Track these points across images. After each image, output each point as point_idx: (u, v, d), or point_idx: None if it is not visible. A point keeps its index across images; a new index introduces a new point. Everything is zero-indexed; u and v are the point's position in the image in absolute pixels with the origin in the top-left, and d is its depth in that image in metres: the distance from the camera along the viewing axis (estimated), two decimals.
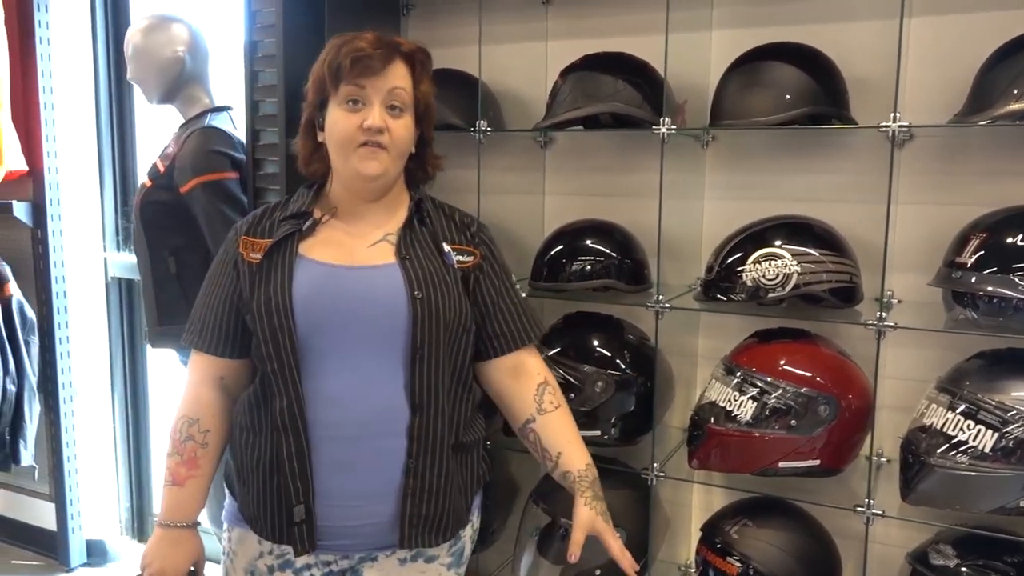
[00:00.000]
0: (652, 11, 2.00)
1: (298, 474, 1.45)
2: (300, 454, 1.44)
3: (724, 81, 1.85)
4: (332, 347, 1.45)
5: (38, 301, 3.01)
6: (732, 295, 1.79)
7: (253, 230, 1.54)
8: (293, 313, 1.43)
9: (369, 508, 1.49)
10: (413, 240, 1.53)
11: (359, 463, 1.47)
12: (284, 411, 1.44)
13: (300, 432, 1.44)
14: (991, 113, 1.58)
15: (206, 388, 1.55)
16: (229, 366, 1.55)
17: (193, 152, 2.14)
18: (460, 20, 2.28)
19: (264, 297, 1.45)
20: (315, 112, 1.52)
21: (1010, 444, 1.54)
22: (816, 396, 1.73)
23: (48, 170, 2.93)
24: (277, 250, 1.48)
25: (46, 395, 3.05)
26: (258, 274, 1.48)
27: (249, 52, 2.08)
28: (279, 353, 1.44)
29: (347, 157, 1.46)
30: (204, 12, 2.58)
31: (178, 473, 1.53)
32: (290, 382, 1.44)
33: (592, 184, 2.21)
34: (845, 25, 1.89)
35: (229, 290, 1.52)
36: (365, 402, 1.46)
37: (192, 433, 1.53)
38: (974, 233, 1.63)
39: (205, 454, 1.54)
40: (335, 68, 1.44)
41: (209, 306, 1.55)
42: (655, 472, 1.93)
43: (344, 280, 1.47)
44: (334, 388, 1.46)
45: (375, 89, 1.45)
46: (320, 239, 1.51)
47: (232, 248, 1.54)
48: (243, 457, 1.53)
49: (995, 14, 1.75)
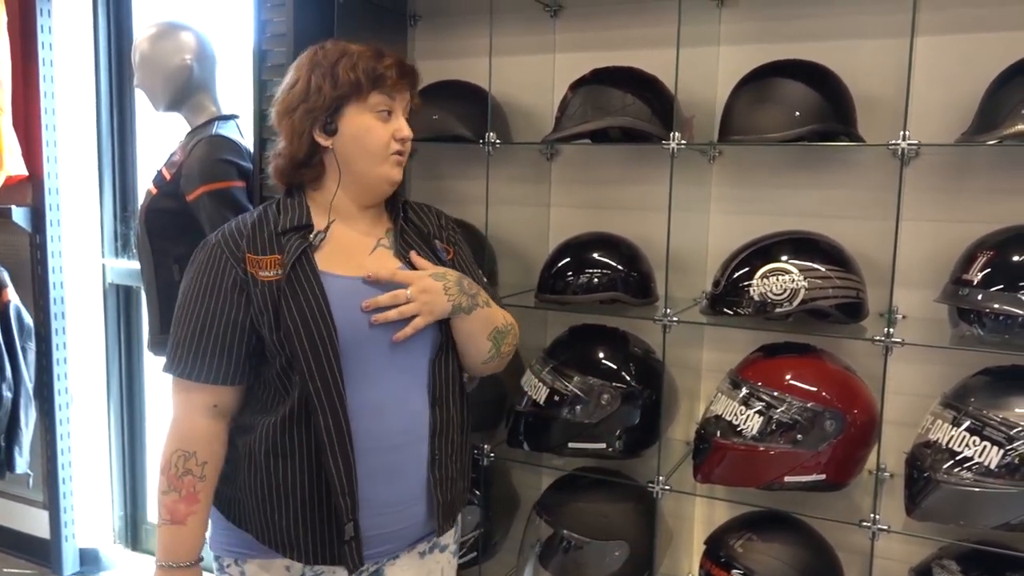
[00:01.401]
0: (659, 25, 2.02)
1: (347, 491, 1.42)
2: (348, 469, 1.41)
3: (733, 97, 1.87)
4: (369, 358, 1.45)
5: (36, 307, 2.99)
6: (739, 309, 1.79)
7: (254, 247, 1.46)
8: (336, 331, 1.40)
9: (407, 511, 1.51)
10: (407, 242, 1.56)
11: (398, 469, 1.48)
12: (330, 428, 1.40)
13: (347, 447, 1.41)
14: (998, 132, 1.59)
15: (199, 418, 1.47)
16: (225, 392, 1.47)
17: (200, 160, 2.14)
18: (466, 32, 2.29)
19: (299, 316, 1.40)
20: (323, 115, 1.47)
21: (1015, 460, 1.55)
22: (822, 411, 1.74)
23: (48, 175, 2.91)
24: (296, 267, 1.43)
25: (42, 402, 3.02)
26: (281, 293, 1.41)
27: (258, 61, 2.09)
28: (321, 369, 1.39)
29: (378, 164, 1.49)
30: (212, 20, 2.58)
31: (177, 511, 1.45)
32: (335, 397, 1.40)
33: (598, 197, 2.22)
34: (854, 43, 1.91)
35: (233, 312, 1.43)
36: (403, 408, 1.48)
37: (190, 467, 1.45)
38: (981, 251, 1.65)
39: (204, 487, 1.46)
40: (376, 76, 1.46)
41: (205, 331, 1.44)
42: (660, 485, 1.93)
43: (369, 291, 1.46)
44: (376, 398, 1.45)
45: (400, 102, 1.51)
46: (328, 252, 1.48)
47: (227, 268, 1.45)
48: (271, 483, 1.45)
49: (1003, 34, 1.77)
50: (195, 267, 1.48)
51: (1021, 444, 1.55)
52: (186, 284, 1.49)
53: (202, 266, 1.47)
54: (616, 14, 2.16)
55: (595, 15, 2.18)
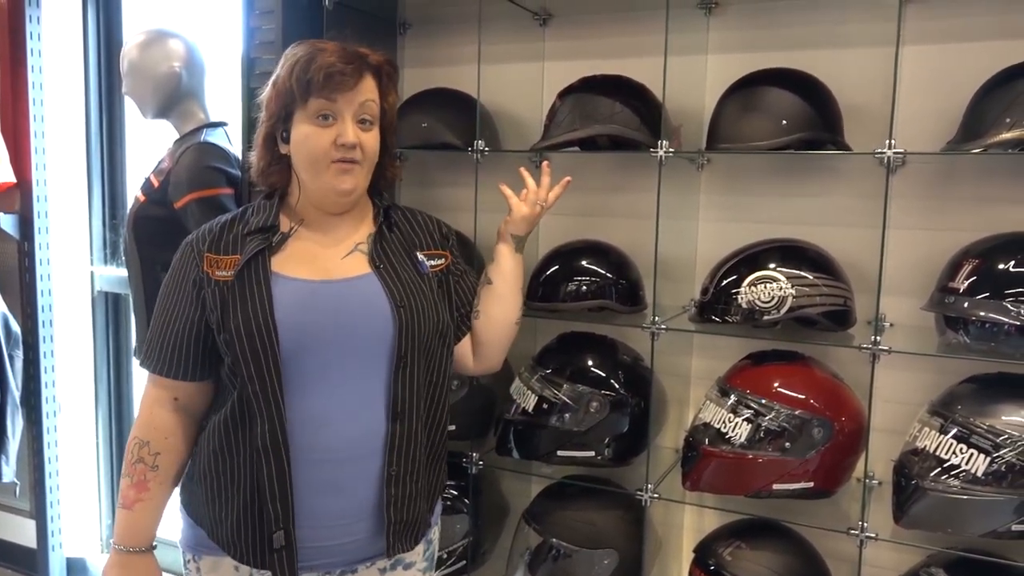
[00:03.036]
0: (648, 34, 2.02)
1: (279, 499, 1.40)
2: (281, 478, 1.40)
3: (721, 105, 1.87)
4: (316, 366, 1.41)
5: (23, 315, 2.97)
6: (727, 317, 1.80)
7: (215, 246, 1.46)
8: (277, 334, 1.38)
9: (354, 526, 1.47)
10: (385, 248, 1.52)
11: (343, 483, 1.45)
12: (266, 435, 1.39)
13: (282, 456, 1.40)
14: (983, 141, 1.60)
15: (159, 409, 1.50)
16: (185, 387, 1.49)
17: (188, 167, 2.13)
18: (457, 40, 2.29)
19: (243, 318, 1.39)
20: (277, 124, 1.46)
21: (1002, 468, 1.55)
22: (810, 418, 1.74)
23: (36, 182, 2.89)
24: (248, 268, 1.42)
25: (29, 410, 3.00)
26: (230, 294, 1.40)
27: (247, 68, 2.08)
28: (261, 375, 1.38)
29: (319, 173, 1.44)
30: (200, 27, 2.57)
31: (127, 496, 1.48)
32: (272, 405, 1.39)
33: (587, 204, 2.22)
34: (841, 52, 1.92)
35: (190, 311, 1.45)
36: (353, 420, 1.44)
37: (143, 455, 1.48)
38: (967, 259, 1.66)
39: (155, 477, 1.48)
40: (305, 83, 1.40)
41: (166, 327, 1.47)
42: (649, 493, 1.93)
43: (324, 296, 1.44)
44: (320, 409, 1.42)
45: (347, 103, 1.42)
46: (290, 253, 1.47)
47: (191, 266, 1.46)
48: (218, 482, 1.46)
49: (988, 44, 1.78)
50: (172, 264, 1.52)
51: (1007, 452, 1.55)
52: (164, 281, 1.53)
53: (175, 263, 1.51)
54: (605, 23, 2.16)
55: (584, 24, 2.19)
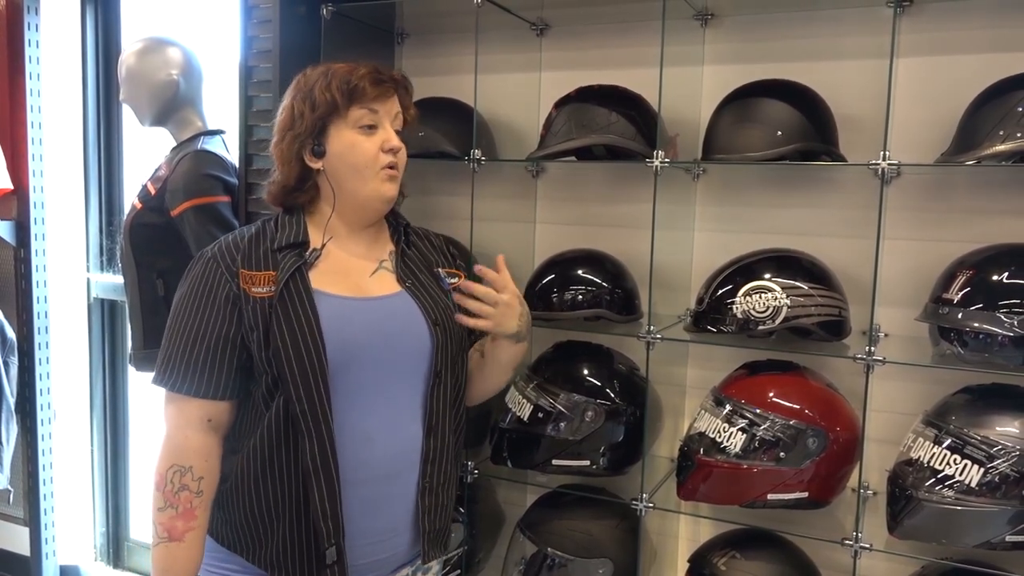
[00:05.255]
0: (644, 45, 2.03)
1: (330, 516, 1.39)
2: (332, 497, 1.39)
3: (716, 116, 1.88)
4: (359, 383, 1.42)
5: (19, 321, 2.97)
6: (722, 327, 1.80)
7: (248, 262, 1.44)
8: (325, 351, 1.38)
9: (393, 540, 1.49)
10: (408, 266, 1.55)
11: (387, 499, 1.46)
12: (315, 454, 1.38)
13: (332, 473, 1.39)
14: (977, 153, 1.61)
15: (193, 432, 1.42)
16: (217, 407, 1.44)
17: (185, 175, 2.14)
18: (454, 49, 2.30)
19: (289, 335, 1.37)
20: (307, 140, 1.46)
21: (995, 479, 1.55)
22: (805, 428, 1.75)
23: (33, 189, 2.89)
24: (289, 284, 1.41)
25: (24, 417, 2.99)
26: (272, 311, 1.39)
27: (244, 77, 2.09)
28: (309, 392, 1.37)
29: (367, 180, 1.46)
30: (198, 35, 2.58)
31: (175, 528, 1.40)
32: (321, 422, 1.38)
33: (583, 214, 2.23)
34: (836, 64, 1.93)
35: (224, 327, 1.41)
36: (394, 437, 1.46)
37: (186, 483, 1.41)
38: (961, 270, 1.66)
39: (201, 503, 1.42)
40: (350, 90, 1.43)
41: (197, 346, 1.41)
42: (644, 502, 1.92)
43: (365, 313, 1.45)
44: (366, 425, 1.43)
45: (385, 113, 1.47)
46: (323, 270, 1.46)
47: (220, 282, 1.42)
48: (260, 504, 1.43)
49: (982, 56, 1.79)
50: (190, 279, 1.46)
51: (1001, 462, 1.56)
52: (180, 296, 1.46)
53: (197, 279, 1.45)
54: (602, 33, 2.17)
55: (581, 34, 2.20)
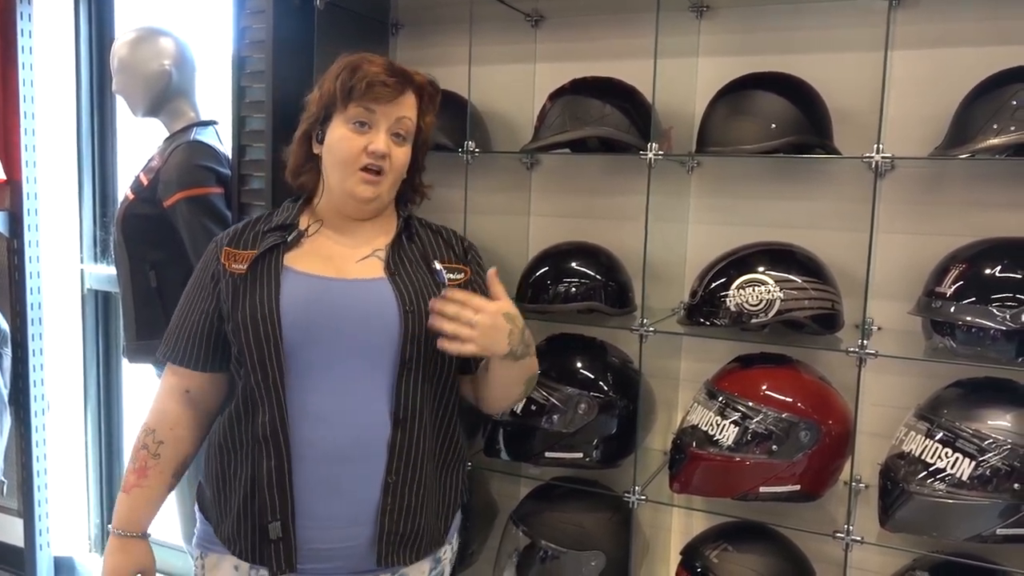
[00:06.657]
0: (639, 37, 2.02)
1: (276, 489, 1.42)
2: (280, 470, 1.42)
3: (711, 109, 1.87)
4: (319, 360, 1.44)
5: (12, 312, 2.96)
6: (715, 320, 1.80)
7: (235, 242, 1.53)
8: (280, 324, 1.42)
9: (349, 530, 1.46)
10: (402, 256, 1.54)
11: (342, 484, 1.45)
12: (267, 424, 1.42)
13: (281, 447, 1.42)
14: (971, 147, 1.61)
15: (169, 399, 1.56)
16: (198, 379, 1.55)
17: (178, 166, 2.13)
18: (448, 41, 2.29)
19: (249, 308, 1.44)
20: (316, 124, 1.52)
21: (987, 472, 1.56)
22: (797, 422, 1.75)
23: (27, 180, 2.89)
24: (262, 261, 1.48)
25: (17, 408, 2.99)
26: (242, 285, 1.46)
27: (237, 67, 2.07)
28: (264, 365, 1.42)
29: (345, 177, 1.48)
30: (191, 26, 2.57)
31: (128, 480, 1.54)
32: (274, 394, 1.42)
33: (577, 206, 2.22)
34: (830, 56, 1.92)
35: (206, 303, 1.51)
36: (351, 419, 1.45)
37: (147, 443, 1.54)
38: (954, 264, 1.66)
39: (155, 465, 1.53)
40: (347, 88, 1.45)
41: (185, 319, 1.54)
42: (636, 495, 1.93)
43: (333, 293, 1.46)
44: (319, 404, 1.44)
45: (384, 115, 1.48)
46: (306, 251, 1.51)
47: (212, 260, 1.53)
48: (223, 476, 1.50)
49: (976, 49, 1.79)
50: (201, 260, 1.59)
51: (993, 456, 1.56)
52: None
53: (200, 261, 1.58)
54: (596, 25, 2.17)
55: (576, 26, 2.19)
